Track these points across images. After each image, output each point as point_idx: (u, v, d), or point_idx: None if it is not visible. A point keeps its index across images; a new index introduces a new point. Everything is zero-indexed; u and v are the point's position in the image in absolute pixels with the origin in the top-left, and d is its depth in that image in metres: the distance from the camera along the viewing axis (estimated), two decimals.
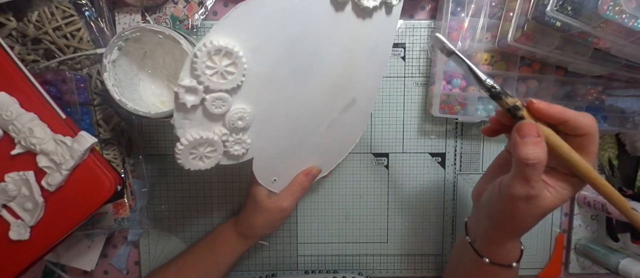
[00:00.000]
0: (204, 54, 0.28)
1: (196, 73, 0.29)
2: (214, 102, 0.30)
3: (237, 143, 0.34)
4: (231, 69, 0.30)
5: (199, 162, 0.33)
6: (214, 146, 0.33)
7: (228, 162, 0.35)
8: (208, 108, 0.31)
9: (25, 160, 0.35)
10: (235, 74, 0.30)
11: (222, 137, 0.33)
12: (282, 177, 0.41)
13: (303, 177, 0.42)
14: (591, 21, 0.35)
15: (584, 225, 0.51)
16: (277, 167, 0.40)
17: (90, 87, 0.43)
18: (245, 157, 0.36)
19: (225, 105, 0.31)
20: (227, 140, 0.33)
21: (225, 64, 0.29)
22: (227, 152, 0.34)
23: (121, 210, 0.46)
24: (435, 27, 0.47)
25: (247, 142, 0.34)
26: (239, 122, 0.32)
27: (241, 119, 0.32)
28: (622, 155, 0.49)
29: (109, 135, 0.45)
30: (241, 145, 0.34)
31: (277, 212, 0.41)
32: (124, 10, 0.45)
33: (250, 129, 0.34)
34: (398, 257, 0.52)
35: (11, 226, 0.35)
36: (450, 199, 0.51)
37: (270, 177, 0.40)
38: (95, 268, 0.49)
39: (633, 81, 0.44)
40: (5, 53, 0.35)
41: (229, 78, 0.30)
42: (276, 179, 0.41)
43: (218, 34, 0.29)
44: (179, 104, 0.30)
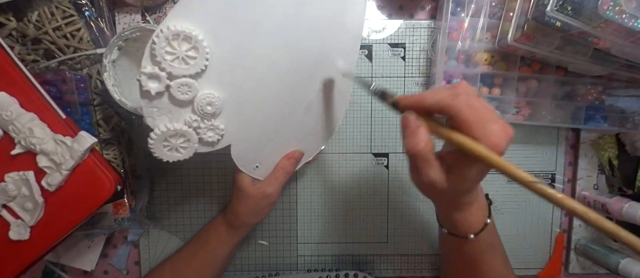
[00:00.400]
0: (162, 40, 0.28)
1: (157, 60, 0.29)
2: (179, 88, 0.30)
3: (210, 129, 0.33)
4: (192, 53, 0.29)
5: (175, 153, 0.33)
6: (186, 136, 0.33)
7: (204, 149, 0.35)
8: (174, 94, 0.30)
9: (25, 160, 0.35)
10: (197, 58, 0.30)
11: (193, 124, 0.32)
12: (264, 163, 0.40)
13: (286, 161, 0.41)
14: (591, 21, 0.35)
15: (584, 225, 0.51)
16: (258, 153, 0.39)
17: (90, 87, 0.43)
18: (221, 143, 0.35)
19: (191, 90, 0.31)
20: (199, 127, 0.33)
21: (185, 48, 0.29)
22: (201, 139, 0.33)
23: (121, 210, 0.46)
24: (435, 27, 0.47)
25: (221, 128, 0.34)
26: (208, 107, 0.32)
27: (210, 104, 0.32)
28: (622, 155, 0.49)
29: (109, 135, 0.45)
30: (214, 132, 0.34)
31: (261, 198, 0.40)
32: (124, 10, 0.45)
33: (222, 115, 0.34)
34: (398, 257, 0.52)
35: (11, 226, 0.35)
36: None
37: (251, 163, 0.39)
38: (95, 268, 0.49)
39: (633, 81, 0.44)
40: (5, 53, 0.35)
41: (190, 63, 0.30)
42: (258, 166, 0.40)
43: (175, 19, 0.28)
44: (144, 92, 0.30)
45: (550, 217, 0.51)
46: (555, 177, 0.50)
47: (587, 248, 0.49)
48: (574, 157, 0.50)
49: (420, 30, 0.47)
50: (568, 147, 0.50)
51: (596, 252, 0.48)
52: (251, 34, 0.32)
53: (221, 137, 0.35)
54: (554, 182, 0.50)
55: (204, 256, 0.44)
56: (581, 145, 0.49)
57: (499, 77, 0.45)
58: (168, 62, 0.29)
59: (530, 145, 0.50)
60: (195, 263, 0.44)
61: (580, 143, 0.49)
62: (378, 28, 0.47)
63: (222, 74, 0.32)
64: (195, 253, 0.44)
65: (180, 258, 0.45)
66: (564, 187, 0.51)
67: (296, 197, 0.50)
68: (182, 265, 0.44)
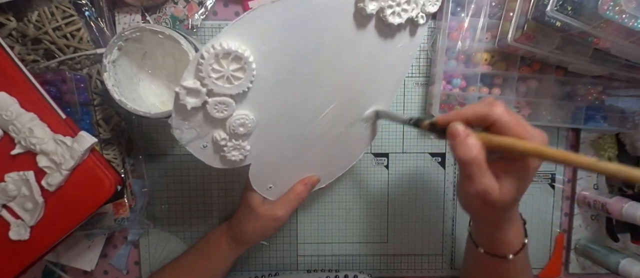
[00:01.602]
0: (211, 56, 0.27)
1: (201, 75, 0.27)
2: (216, 106, 0.29)
3: (236, 149, 0.33)
4: (239, 74, 0.28)
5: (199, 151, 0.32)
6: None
7: (223, 166, 0.34)
8: (209, 111, 0.29)
9: (25, 160, 0.35)
10: (242, 79, 0.29)
11: (221, 142, 0.32)
12: (278, 185, 0.40)
13: (301, 186, 0.40)
14: (591, 21, 0.35)
15: (584, 225, 0.51)
16: (275, 174, 0.38)
17: (90, 87, 0.43)
18: (243, 163, 0.35)
19: (227, 110, 0.30)
20: (225, 145, 0.32)
21: (233, 68, 0.28)
22: (224, 157, 0.33)
23: (121, 210, 0.46)
24: (435, 27, 0.47)
25: (247, 148, 0.33)
26: (241, 128, 0.31)
27: (243, 126, 0.31)
28: (622, 155, 0.49)
29: (109, 135, 0.45)
30: (240, 152, 0.33)
31: (270, 220, 0.40)
32: (124, 10, 0.45)
33: (251, 136, 0.33)
34: (398, 257, 0.52)
35: (11, 226, 0.35)
36: (450, 199, 0.51)
37: (266, 184, 0.39)
38: (95, 268, 0.49)
39: (633, 81, 0.44)
40: (5, 53, 0.35)
41: (235, 83, 0.28)
42: (272, 187, 0.39)
43: (229, 36, 0.27)
44: (179, 105, 0.29)
45: (550, 217, 0.51)
46: (555, 177, 0.50)
47: (587, 248, 0.49)
48: None
49: None
50: (568, 147, 0.50)
51: (596, 252, 0.48)
52: (300, 62, 0.31)
53: (244, 158, 0.34)
54: (554, 181, 0.50)
55: (204, 266, 0.43)
56: (581, 145, 0.49)
57: (499, 77, 0.45)
58: (212, 80, 0.28)
59: None
60: (196, 272, 0.43)
61: (580, 143, 0.49)
62: None
63: (260, 96, 0.31)
64: (197, 263, 0.44)
65: (181, 266, 0.44)
66: (564, 187, 0.51)
67: None
68: (183, 274, 0.44)
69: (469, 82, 0.45)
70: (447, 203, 0.51)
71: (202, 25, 0.46)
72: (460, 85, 0.45)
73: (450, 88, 0.45)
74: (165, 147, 0.49)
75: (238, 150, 0.33)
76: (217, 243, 0.44)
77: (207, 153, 0.33)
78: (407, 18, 0.32)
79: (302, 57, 0.31)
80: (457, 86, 0.45)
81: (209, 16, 0.47)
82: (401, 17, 0.32)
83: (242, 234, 0.42)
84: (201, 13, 0.46)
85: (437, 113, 0.45)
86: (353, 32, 0.32)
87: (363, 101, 0.38)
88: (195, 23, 0.46)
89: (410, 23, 0.34)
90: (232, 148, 0.33)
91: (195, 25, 0.46)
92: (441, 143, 0.50)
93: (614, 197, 0.46)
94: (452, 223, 0.51)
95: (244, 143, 0.33)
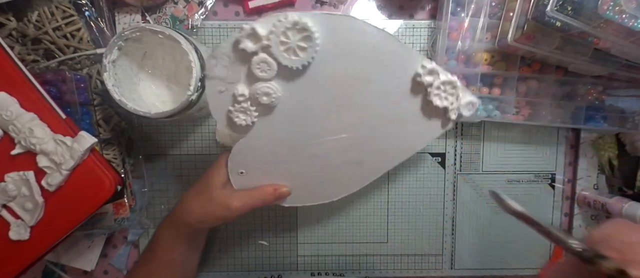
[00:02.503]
0: (288, 23, 0.29)
1: (272, 30, 0.29)
2: (261, 64, 0.30)
3: (245, 113, 0.33)
4: (300, 53, 0.30)
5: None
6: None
7: (219, 126, 0.33)
8: (252, 64, 0.30)
9: (25, 160, 0.35)
10: (299, 58, 0.30)
11: (238, 97, 0.32)
12: (251, 177, 0.37)
13: (270, 189, 0.37)
14: (591, 21, 0.35)
15: (584, 225, 0.51)
16: (255, 164, 0.37)
17: (90, 87, 0.43)
18: (237, 133, 0.34)
19: (267, 73, 0.31)
20: (239, 104, 0.32)
21: (298, 43, 0.30)
22: (230, 114, 0.33)
23: (121, 210, 0.46)
24: (435, 27, 0.47)
25: (253, 120, 0.33)
26: (264, 97, 0.32)
27: (267, 96, 0.32)
28: (622, 155, 0.49)
29: (109, 135, 0.45)
30: (245, 119, 0.33)
31: (221, 207, 0.36)
32: (124, 10, 0.45)
33: (261, 114, 0.34)
34: (398, 257, 0.52)
35: (11, 226, 0.35)
36: (450, 199, 0.51)
37: (239, 167, 0.37)
38: (95, 268, 0.49)
39: (633, 81, 0.44)
40: (5, 53, 0.35)
41: (289, 56, 0.30)
42: (244, 173, 0.37)
43: (312, 18, 0.29)
44: (234, 41, 0.30)
45: (550, 217, 0.51)
46: (555, 177, 0.50)
47: None
48: (574, 157, 0.50)
49: (420, 30, 0.47)
50: (568, 147, 0.50)
51: None
52: (342, 80, 0.33)
53: (244, 127, 0.34)
54: (554, 182, 0.50)
55: (156, 268, 0.39)
56: (581, 145, 0.49)
57: (499, 77, 0.45)
58: (277, 42, 0.29)
59: (530, 145, 0.50)
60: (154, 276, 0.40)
61: (580, 143, 0.49)
62: None
63: (293, 86, 0.32)
64: (149, 267, 0.40)
65: (135, 275, 0.41)
66: (564, 187, 0.51)
67: None
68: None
69: (469, 82, 0.45)
70: (447, 203, 0.51)
71: (202, 25, 0.46)
72: None
73: None
74: (165, 147, 0.49)
75: (245, 116, 0.33)
76: (160, 237, 0.40)
77: (218, 100, 0.33)
78: (444, 106, 0.35)
79: (346, 77, 0.33)
80: None
81: (209, 16, 0.47)
82: (441, 102, 0.35)
83: (183, 213, 0.38)
84: (201, 13, 0.46)
85: None
86: (399, 88, 0.35)
87: (367, 149, 0.38)
88: (195, 23, 0.46)
89: (444, 112, 0.36)
90: (242, 111, 0.33)
91: (195, 25, 0.46)
92: (441, 143, 0.50)
93: (614, 197, 0.46)
94: (452, 223, 0.51)
95: (254, 114, 0.33)
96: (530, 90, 0.46)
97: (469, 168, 0.50)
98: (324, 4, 0.47)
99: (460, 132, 0.49)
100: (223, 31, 0.47)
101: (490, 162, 0.50)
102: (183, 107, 0.36)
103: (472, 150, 0.50)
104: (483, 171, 0.50)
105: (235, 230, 0.50)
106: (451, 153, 0.50)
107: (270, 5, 0.46)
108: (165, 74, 0.44)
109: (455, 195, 0.51)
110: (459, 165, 0.50)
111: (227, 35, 0.47)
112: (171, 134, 0.48)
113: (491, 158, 0.50)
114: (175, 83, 0.44)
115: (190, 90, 0.36)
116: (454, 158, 0.50)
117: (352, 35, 0.31)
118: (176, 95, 0.44)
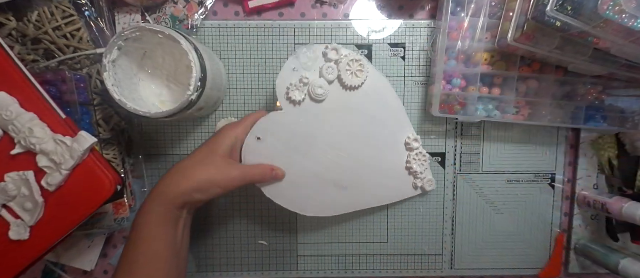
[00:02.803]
0: (352, 57, 0.41)
1: (343, 57, 0.41)
2: (328, 69, 0.41)
3: (300, 93, 0.41)
4: (355, 77, 0.42)
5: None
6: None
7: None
8: (323, 68, 0.41)
9: (25, 160, 0.35)
10: (354, 79, 0.42)
11: (304, 78, 0.41)
12: (263, 146, 0.41)
13: (269, 169, 0.40)
14: (591, 21, 0.35)
15: (584, 225, 0.51)
16: (272, 137, 0.41)
17: (90, 87, 0.43)
18: (283, 107, 0.41)
19: (329, 77, 0.41)
20: (303, 83, 0.41)
21: (356, 69, 0.41)
22: (290, 89, 0.41)
23: (121, 210, 0.46)
24: (435, 27, 0.47)
25: (301, 99, 0.41)
26: (318, 90, 0.41)
27: (321, 89, 0.41)
28: (622, 155, 0.49)
29: (109, 135, 0.45)
30: (298, 96, 0.41)
31: (224, 175, 0.36)
32: (124, 10, 0.45)
33: (308, 103, 0.42)
34: (398, 257, 0.52)
35: (11, 226, 0.35)
36: (450, 199, 0.51)
37: (261, 133, 0.41)
38: (95, 268, 0.49)
39: (633, 81, 0.44)
40: (5, 53, 0.35)
41: (347, 76, 0.41)
42: (260, 139, 0.41)
43: (367, 63, 0.42)
44: (325, 50, 0.41)
45: (550, 217, 0.51)
46: (555, 177, 0.50)
47: (587, 248, 0.49)
48: (574, 157, 0.50)
49: (420, 30, 0.47)
50: (568, 147, 0.50)
51: (596, 252, 0.48)
52: (366, 118, 0.44)
53: (294, 105, 0.41)
54: (554, 181, 0.50)
55: (147, 265, 0.34)
56: (581, 145, 0.49)
57: (499, 77, 0.45)
58: (343, 68, 0.41)
59: (530, 145, 0.50)
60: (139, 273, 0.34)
61: (580, 143, 0.49)
62: (378, 28, 0.47)
63: (333, 94, 0.42)
64: (136, 261, 0.35)
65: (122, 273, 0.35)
66: (564, 187, 0.51)
67: None
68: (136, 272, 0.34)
69: (469, 82, 0.45)
70: (447, 203, 0.51)
71: (202, 25, 0.46)
72: (460, 85, 0.45)
73: (450, 88, 0.45)
74: (165, 147, 0.49)
75: (298, 93, 0.41)
76: (146, 222, 0.35)
77: (288, 74, 0.41)
78: (420, 171, 0.47)
79: (361, 108, 0.43)
80: (457, 86, 0.45)
81: (209, 16, 0.47)
82: (418, 168, 0.46)
83: (180, 182, 0.35)
84: (201, 13, 0.46)
85: (436, 113, 0.45)
86: (394, 139, 0.46)
87: (355, 178, 0.45)
88: (195, 23, 0.46)
89: (414, 177, 0.47)
90: (298, 90, 0.41)
91: (195, 25, 0.46)
92: (441, 143, 0.50)
93: (614, 197, 0.46)
94: (452, 223, 0.51)
95: (302, 96, 0.41)
96: (530, 90, 0.46)
97: (469, 168, 0.50)
98: (324, 4, 0.47)
99: (460, 132, 0.49)
100: (223, 31, 0.47)
101: (490, 162, 0.50)
102: (183, 107, 0.36)
103: (472, 150, 0.50)
104: (483, 171, 0.50)
105: (236, 230, 0.50)
106: (451, 153, 0.50)
107: (270, 5, 0.46)
108: (165, 74, 0.44)
109: (455, 195, 0.51)
110: (459, 165, 0.50)
111: (227, 35, 0.47)
112: (171, 133, 0.48)
113: (491, 159, 0.50)
114: (175, 83, 0.44)
115: (190, 90, 0.36)
116: (454, 158, 0.50)
117: (379, 84, 0.43)
118: (176, 95, 0.44)
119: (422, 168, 0.46)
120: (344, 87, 0.42)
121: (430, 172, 0.48)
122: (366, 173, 0.45)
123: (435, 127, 0.49)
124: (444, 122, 0.49)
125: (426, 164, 0.47)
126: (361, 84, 0.42)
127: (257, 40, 0.47)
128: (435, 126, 0.49)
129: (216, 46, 0.47)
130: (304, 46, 0.41)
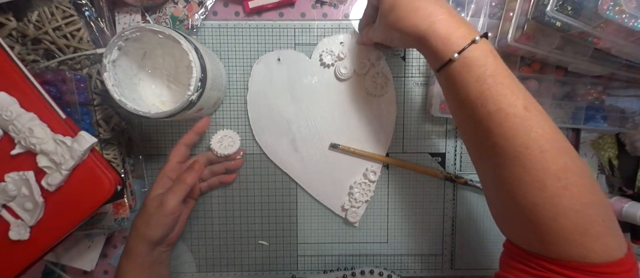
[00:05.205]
0: (380, 66, 0.47)
1: (378, 59, 0.47)
2: (344, 68, 0.46)
3: (331, 56, 0.47)
4: (379, 88, 0.47)
5: None
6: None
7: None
8: (338, 67, 0.46)
9: (25, 160, 0.35)
10: (376, 85, 0.47)
11: (340, 55, 0.47)
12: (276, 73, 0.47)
13: (186, 173, 0.42)
14: (591, 21, 0.35)
15: None
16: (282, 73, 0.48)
17: (90, 87, 0.43)
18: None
19: (347, 71, 0.47)
20: (338, 57, 0.47)
21: (380, 79, 0.47)
22: (322, 58, 0.47)
23: (121, 210, 0.46)
24: None
25: (330, 62, 0.47)
26: (344, 69, 0.46)
27: (345, 69, 0.46)
28: (622, 155, 0.49)
29: (109, 135, 0.45)
30: (330, 59, 0.47)
31: (155, 208, 0.40)
32: (124, 10, 0.45)
33: (328, 72, 0.48)
34: (398, 257, 0.52)
35: (11, 226, 0.35)
36: (450, 199, 0.51)
37: (278, 56, 0.48)
38: (95, 268, 0.49)
39: (633, 81, 0.44)
40: (5, 53, 0.35)
41: (374, 81, 0.47)
42: (280, 60, 0.47)
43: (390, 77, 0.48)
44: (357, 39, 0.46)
45: None
46: None
47: None
48: None
49: None
50: None
51: None
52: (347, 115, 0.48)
53: (329, 64, 0.47)
54: None
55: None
56: (581, 145, 0.49)
57: None
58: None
59: None
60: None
61: (580, 143, 0.49)
62: None
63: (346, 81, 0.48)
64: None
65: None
66: None
67: (296, 197, 0.50)
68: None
69: None
70: (447, 203, 0.51)
71: (202, 25, 0.46)
72: None
73: None
74: (165, 147, 0.49)
75: (330, 58, 0.47)
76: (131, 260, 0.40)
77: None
78: (353, 196, 0.49)
79: (348, 100, 0.48)
80: None
81: (209, 16, 0.47)
82: (357, 194, 0.49)
83: (138, 237, 0.40)
84: (201, 13, 0.46)
85: (437, 113, 0.45)
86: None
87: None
88: (195, 23, 0.46)
89: (349, 197, 0.50)
90: (332, 55, 0.47)
91: (195, 25, 0.46)
92: (441, 143, 0.50)
93: (614, 197, 0.46)
94: (452, 223, 0.51)
95: (330, 67, 0.47)
96: (530, 90, 0.46)
97: (469, 168, 0.50)
98: (324, 4, 0.47)
99: None
100: (223, 31, 0.47)
101: None
102: (183, 107, 0.36)
103: None
104: None
105: (235, 230, 0.50)
106: (451, 153, 0.50)
107: (270, 5, 0.46)
108: (165, 74, 0.44)
109: (455, 195, 0.51)
110: (459, 165, 0.50)
111: (227, 35, 0.47)
112: (171, 133, 0.48)
113: None
114: (175, 83, 0.44)
115: (190, 90, 0.36)
116: (454, 159, 0.50)
117: (390, 107, 0.48)
118: (176, 95, 0.44)
119: (359, 199, 0.48)
120: (366, 91, 0.47)
121: (363, 209, 0.49)
122: (320, 159, 0.48)
123: (435, 127, 0.49)
124: (444, 122, 0.49)
125: (364, 199, 0.48)
126: (385, 92, 0.47)
127: (257, 40, 0.47)
128: (435, 126, 0.49)
129: (216, 46, 0.47)
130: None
